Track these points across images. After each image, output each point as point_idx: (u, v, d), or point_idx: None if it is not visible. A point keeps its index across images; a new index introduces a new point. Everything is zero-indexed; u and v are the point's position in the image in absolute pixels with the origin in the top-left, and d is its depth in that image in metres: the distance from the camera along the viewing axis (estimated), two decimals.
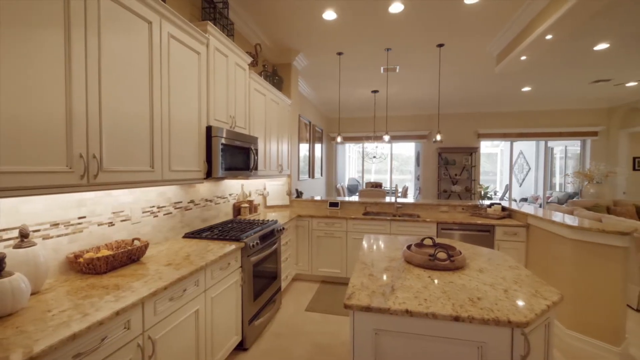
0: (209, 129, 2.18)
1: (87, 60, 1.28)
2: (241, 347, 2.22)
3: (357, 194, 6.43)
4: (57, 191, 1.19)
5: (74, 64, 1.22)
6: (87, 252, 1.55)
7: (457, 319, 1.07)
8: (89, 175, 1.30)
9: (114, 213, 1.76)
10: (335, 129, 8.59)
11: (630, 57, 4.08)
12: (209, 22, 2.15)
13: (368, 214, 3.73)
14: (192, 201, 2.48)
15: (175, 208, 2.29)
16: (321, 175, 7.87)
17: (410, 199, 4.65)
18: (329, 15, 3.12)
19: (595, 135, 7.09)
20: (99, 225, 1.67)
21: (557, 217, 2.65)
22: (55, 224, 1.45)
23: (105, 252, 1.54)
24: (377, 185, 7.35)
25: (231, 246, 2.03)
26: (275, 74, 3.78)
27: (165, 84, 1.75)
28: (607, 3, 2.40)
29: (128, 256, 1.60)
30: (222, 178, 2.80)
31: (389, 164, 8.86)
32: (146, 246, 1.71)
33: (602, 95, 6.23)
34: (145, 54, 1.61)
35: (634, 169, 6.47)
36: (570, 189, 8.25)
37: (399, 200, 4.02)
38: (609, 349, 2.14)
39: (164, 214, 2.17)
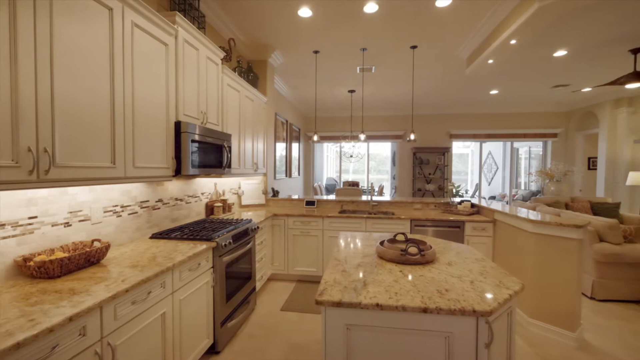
0: (177, 124, 2.08)
1: (37, 46, 1.17)
2: (213, 350, 2.15)
3: (334, 192, 6.47)
4: (1, 188, 1.08)
5: (20, 50, 1.11)
6: (39, 254, 1.42)
7: (425, 310, 1.09)
8: (39, 171, 1.19)
9: (70, 213, 1.64)
10: (313, 128, 8.57)
11: (586, 64, 4.40)
12: (177, 12, 2.06)
13: (344, 212, 3.75)
14: (160, 200, 2.37)
15: (142, 207, 2.17)
16: (299, 174, 7.83)
17: (386, 197, 4.74)
18: (305, 12, 3.10)
19: (555, 136, 7.60)
20: (53, 225, 1.54)
21: (521, 212, 2.80)
22: (1, 225, 1.32)
23: (59, 255, 1.43)
24: (354, 184, 7.44)
25: (202, 246, 1.95)
26: (251, 71, 3.70)
27: (129, 75, 1.65)
28: (564, 13, 2.57)
29: (86, 258, 1.49)
30: (193, 176, 2.70)
31: (366, 163, 8.98)
32: (107, 247, 1.60)
33: (562, 99, 6.69)
34: (106, 43, 1.50)
35: (589, 168, 7.01)
36: (533, 187, 8.79)
37: (375, 198, 4.07)
38: (566, 335, 2.29)
39: (129, 214, 2.05)
